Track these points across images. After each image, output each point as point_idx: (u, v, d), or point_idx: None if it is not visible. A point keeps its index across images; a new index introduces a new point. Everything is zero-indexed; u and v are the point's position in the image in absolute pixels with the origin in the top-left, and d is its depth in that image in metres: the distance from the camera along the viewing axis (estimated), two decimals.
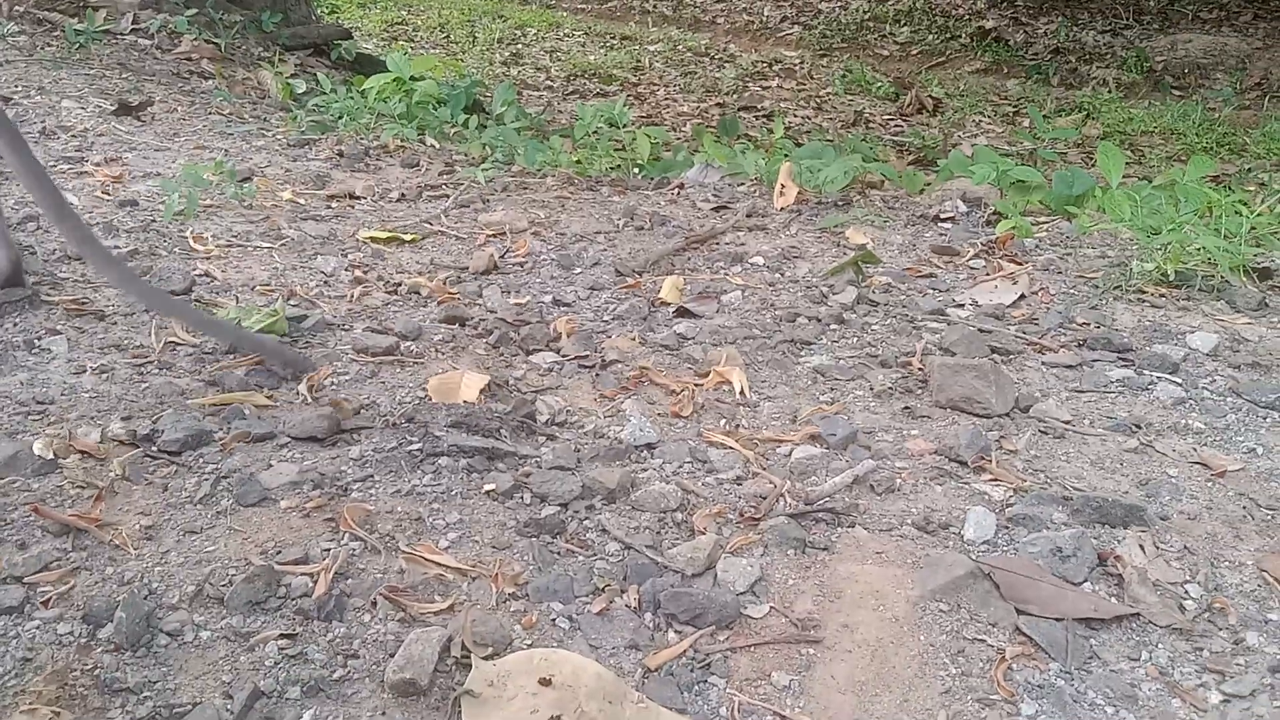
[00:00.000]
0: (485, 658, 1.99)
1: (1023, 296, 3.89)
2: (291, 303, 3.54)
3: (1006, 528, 2.53)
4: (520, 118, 6.83)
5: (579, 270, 4.16)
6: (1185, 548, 2.47)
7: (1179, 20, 13.80)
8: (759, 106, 11.13)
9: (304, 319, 3.40)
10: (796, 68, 13.07)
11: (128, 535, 2.31)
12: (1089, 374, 3.32)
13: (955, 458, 2.81)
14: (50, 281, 3.48)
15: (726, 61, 13.10)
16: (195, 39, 7.69)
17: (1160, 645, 2.18)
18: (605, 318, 3.71)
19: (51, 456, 2.49)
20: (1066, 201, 5.17)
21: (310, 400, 2.93)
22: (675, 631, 2.18)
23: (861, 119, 10.80)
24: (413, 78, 6.82)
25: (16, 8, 7.41)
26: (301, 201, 4.74)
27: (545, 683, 1.89)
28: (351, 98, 6.57)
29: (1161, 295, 3.90)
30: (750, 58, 13.36)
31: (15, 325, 3.16)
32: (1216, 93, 11.67)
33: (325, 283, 3.82)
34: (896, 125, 10.72)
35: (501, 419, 2.90)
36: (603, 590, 2.28)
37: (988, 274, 4.10)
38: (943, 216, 4.80)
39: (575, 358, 3.37)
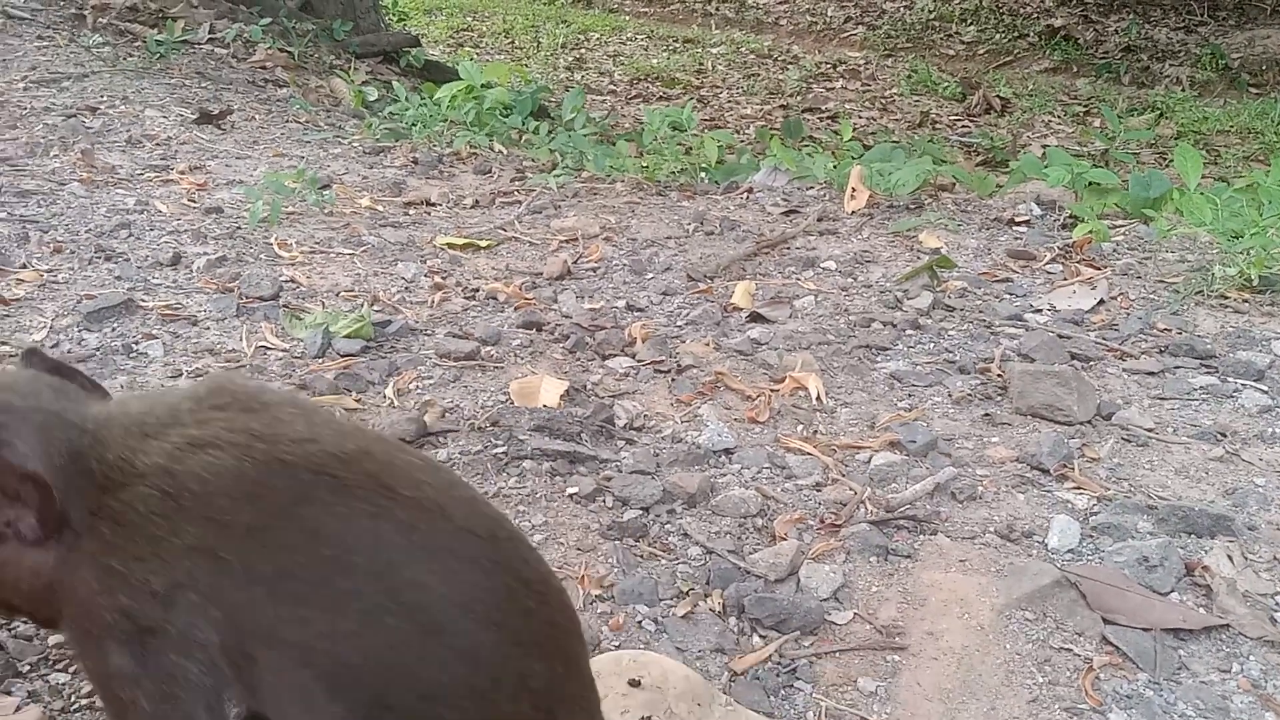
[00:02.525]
0: None
1: (1102, 302, 3.84)
2: (375, 308, 3.62)
3: (1091, 536, 2.51)
4: (589, 124, 6.89)
5: (651, 275, 4.19)
6: (1275, 558, 2.44)
7: (1256, 15, 13.47)
8: (823, 108, 11.09)
9: (388, 324, 3.48)
10: (861, 69, 13.00)
11: None
12: (1171, 381, 3.28)
13: (1037, 465, 2.80)
14: (144, 287, 3.60)
15: (790, 63, 13.07)
16: (269, 48, 7.87)
17: (1251, 657, 2.16)
18: (679, 323, 3.74)
19: None
20: (1143, 204, 5.09)
21: (396, 404, 3.00)
22: (760, 636, 2.21)
23: (928, 120, 10.71)
24: (483, 85, 6.91)
25: (100, 20, 7.65)
26: (379, 208, 4.84)
27: (635, 684, 1.93)
28: (424, 105, 6.68)
29: (1245, 301, 3.83)
30: (814, 59, 13.31)
31: (113, 330, 3.27)
32: None
33: (406, 288, 3.90)
34: (964, 126, 10.61)
35: (581, 423, 2.95)
36: (687, 594, 2.31)
37: (1065, 278, 4.06)
38: (1017, 220, 4.75)
39: (650, 363, 3.41)
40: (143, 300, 3.49)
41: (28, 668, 2.01)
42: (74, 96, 5.92)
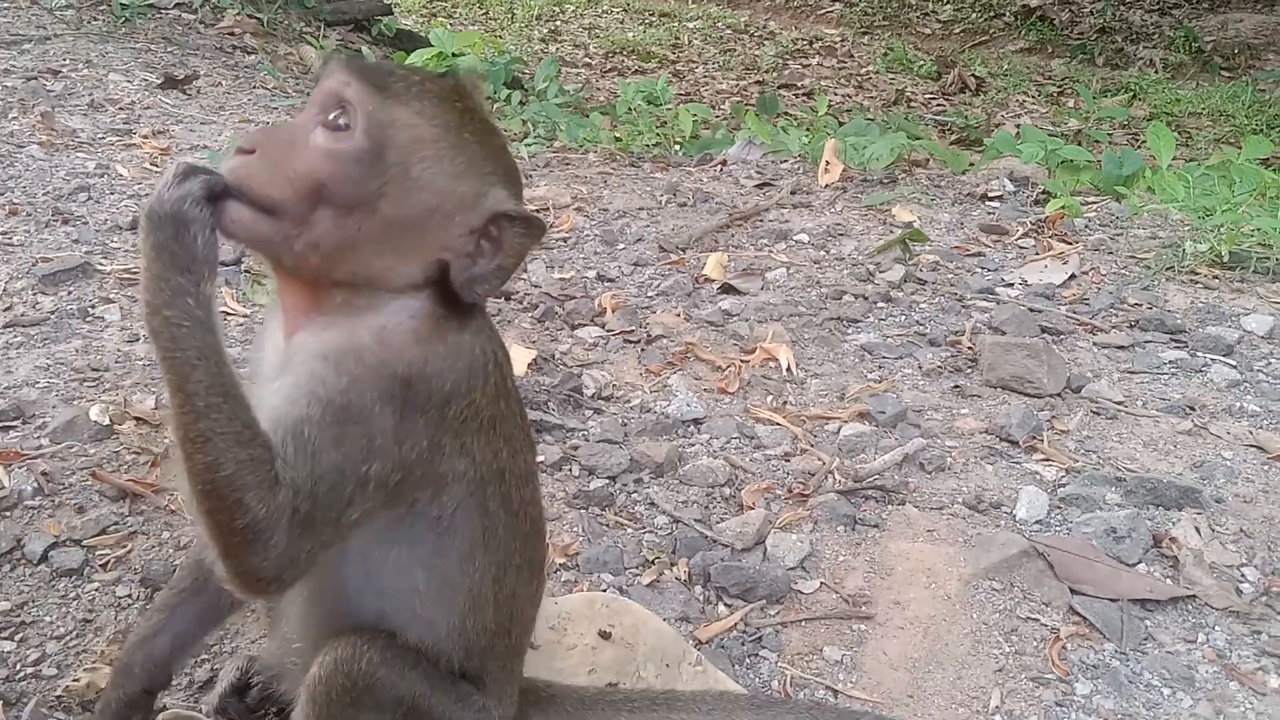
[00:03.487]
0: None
1: (1073, 276, 3.83)
2: None
3: (1059, 508, 2.50)
4: (561, 94, 6.81)
5: (622, 246, 4.15)
6: (1241, 530, 2.44)
7: None
8: (799, 84, 11.02)
9: None
10: (837, 46, 12.94)
11: (183, 500, 2.34)
12: (1141, 355, 3.27)
13: (1006, 437, 2.78)
14: (102, 251, 3.52)
15: (766, 39, 12.99)
16: (238, 14, 7.72)
17: (1217, 628, 2.16)
18: (650, 293, 3.70)
19: (108, 423, 2.52)
20: (1116, 182, 5.08)
21: None
22: (725, 605, 2.18)
23: (903, 98, 10.67)
24: (455, 54, 6.81)
25: None
26: None
27: (605, 636, 1.89)
28: None
29: (1215, 277, 3.84)
30: (790, 35, 13.23)
31: (69, 294, 3.19)
32: (1267, 73, 11.42)
33: None
34: (939, 104, 10.58)
35: (549, 392, 2.91)
36: (653, 563, 2.28)
37: (1037, 253, 4.04)
38: (990, 195, 4.74)
39: (620, 333, 3.37)
40: (100, 264, 3.40)
41: None
42: (35, 59, 5.77)
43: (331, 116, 1.32)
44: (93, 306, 3.13)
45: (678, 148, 6.03)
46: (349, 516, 1.32)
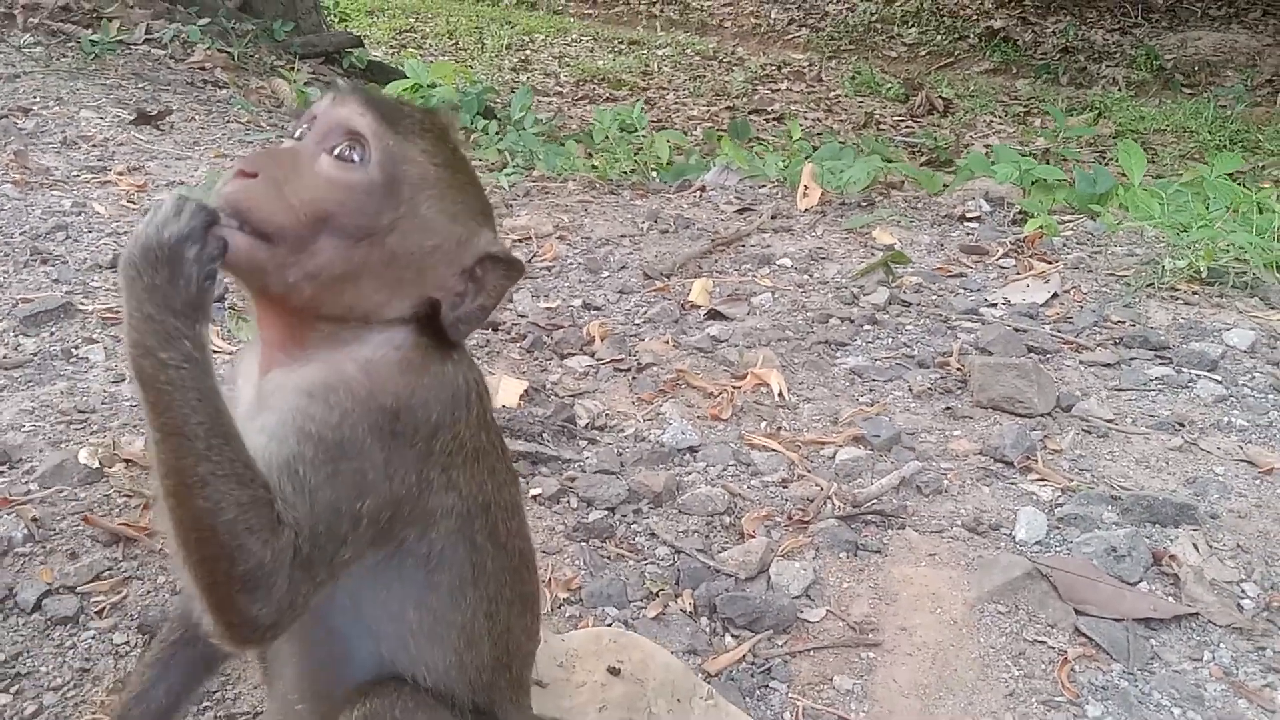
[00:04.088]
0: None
1: (1055, 295, 3.87)
2: None
3: (1058, 528, 2.51)
4: (537, 124, 6.82)
5: (606, 274, 4.14)
6: (1239, 546, 2.45)
7: (1188, 18, 13.78)
8: (769, 110, 11.11)
9: None
10: (805, 70, 13.06)
11: (171, 551, 2.29)
12: (1128, 372, 3.30)
13: (1000, 458, 2.79)
14: (83, 290, 3.47)
15: (735, 65, 13.09)
16: (208, 48, 7.69)
17: (1222, 645, 2.16)
18: (637, 321, 3.70)
19: (98, 465, 2.48)
20: (1090, 200, 5.14)
21: None
22: (733, 636, 2.17)
23: (872, 121, 10.78)
24: (429, 84, 6.81)
25: (31, 20, 7.42)
26: None
27: (614, 672, 1.87)
28: None
29: (1194, 293, 3.88)
30: (758, 61, 13.35)
31: (52, 334, 3.15)
32: (1228, 90, 11.64)
33: None
34: (907, 126, 10.69)
35: (543, 423, 2.89)
36: (657, 594, 2.27)
37: (1018, 273, 4.08)
38: (968, 216, 4.78)
39: (610, 361, 3.36)
40: (82, 304, 3.36)
41: None
42: (4, 97, 5.72)
43: (341, 146, 1.31)
44: (76, 347, 3.09)
45: (654, 174, 6.05)
46: (342, 556, 1.29)
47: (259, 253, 1.27)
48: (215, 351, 3.09)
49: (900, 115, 11.20)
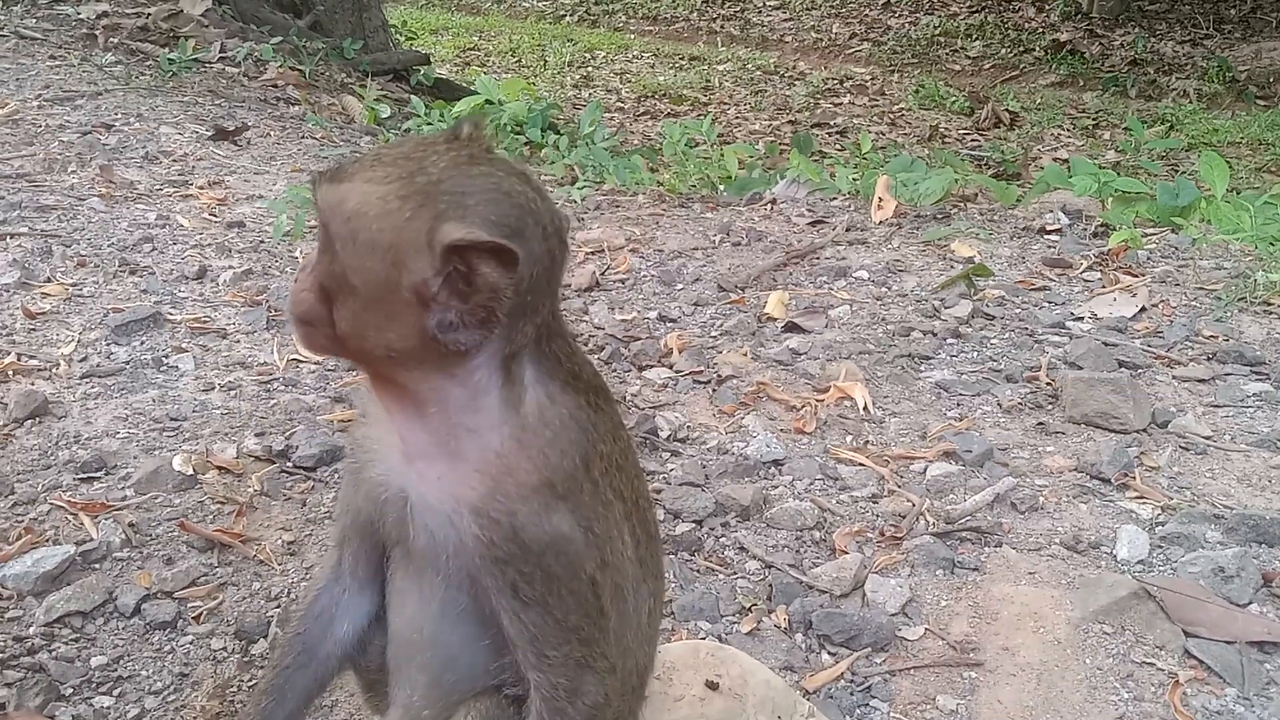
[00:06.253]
0: None
1: (1143, 309, 3.77)
2: None
3: (1160, 546, 2.43)
4: (607, 138, 6.84)
5: (680, 286, 4.13)
6: None
7: (1262, 28, 13.48)
8: (831, 123, 11.04)
9: None
10: (868, 84, 12.97)
11: (271, 550, 2.31)
12: (1223, 388, 3.20)
13: (1097, 475, 2.72)
14: (170, 300, 3.53)
15: (796, 79, 13.04)
16: (280, 66, 7.82)
17: None
18: (713, 333, 3.67)
19: (191, 472, 2.50)
20: (1172, 213, 5.03)
21: None
22: (829, 653, 2.13)
23: (937, 134, 10.66)
24: (500, 100, 6.86)
25: (112, 39, 7.60)
26: None
27: (712, 686, 1.84)
28: (443, 120, 6.62)
29: None
30: (820, 75, 13.29)
31: (142, 343, 3.20)
32: None
33: None
34: (973, 140, 10.56)
35: None
36: (750, 609, 2.23)
37: (1104, 286, 3.99)
38: (1048, 228, 4.69)
39: (689, 373, 3.33)
40: (170, 313, 3.41)
41: (70, 690, 1.93)
42: (88, 114, 5.86)
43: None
44: (166, 356, 3.13)
45: (721, 188, 6.03)
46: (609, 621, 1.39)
47: (313, 337, 1.33)
48: (301, 361, 3.12)
49: (965, 129, 11.07)
